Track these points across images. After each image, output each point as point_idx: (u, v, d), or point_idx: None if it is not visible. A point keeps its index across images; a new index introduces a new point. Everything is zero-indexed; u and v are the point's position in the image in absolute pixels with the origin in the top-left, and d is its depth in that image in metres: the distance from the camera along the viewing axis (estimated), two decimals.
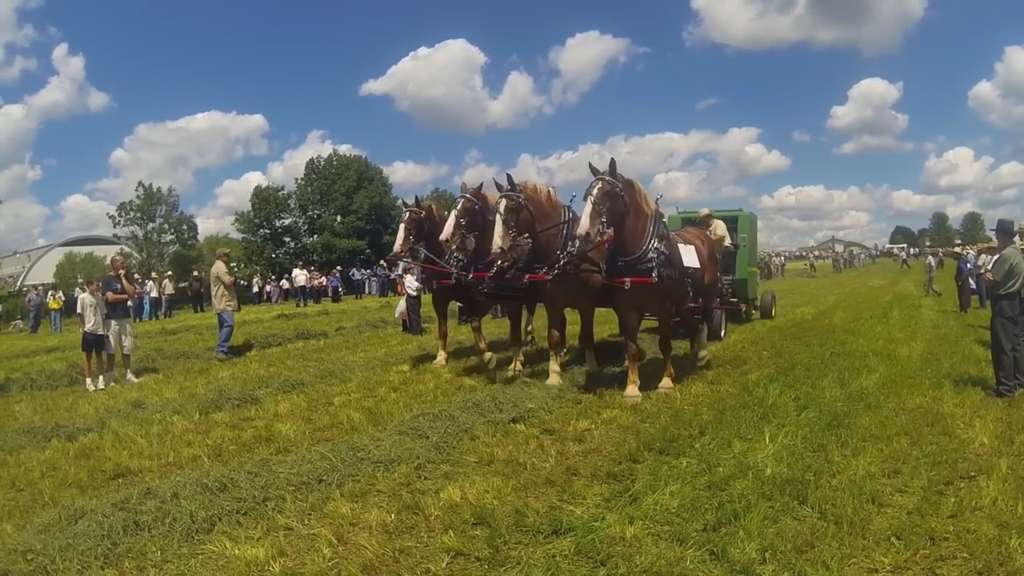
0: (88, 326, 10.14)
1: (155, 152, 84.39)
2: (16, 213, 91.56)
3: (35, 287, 34.61)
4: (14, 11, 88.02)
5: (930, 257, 29.14)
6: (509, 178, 7.91)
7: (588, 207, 6.72)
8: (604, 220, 6.75)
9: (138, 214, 44.50)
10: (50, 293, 29.52)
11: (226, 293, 12.66)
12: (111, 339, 10.31)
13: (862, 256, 73.79)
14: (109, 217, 46.00)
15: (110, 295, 10.43)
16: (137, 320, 21.35)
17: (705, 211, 13.15)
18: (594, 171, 7.12)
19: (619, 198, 6.90)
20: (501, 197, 7.66)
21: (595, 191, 6.79)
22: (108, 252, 29.15)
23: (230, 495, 4.67)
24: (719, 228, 12.10)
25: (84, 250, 47.80)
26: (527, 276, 8.11)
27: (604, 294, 8.00)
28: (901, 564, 3.55)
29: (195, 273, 33.42)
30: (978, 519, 4.03)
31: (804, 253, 76.95)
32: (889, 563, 3.55)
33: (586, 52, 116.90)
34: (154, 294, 28.88)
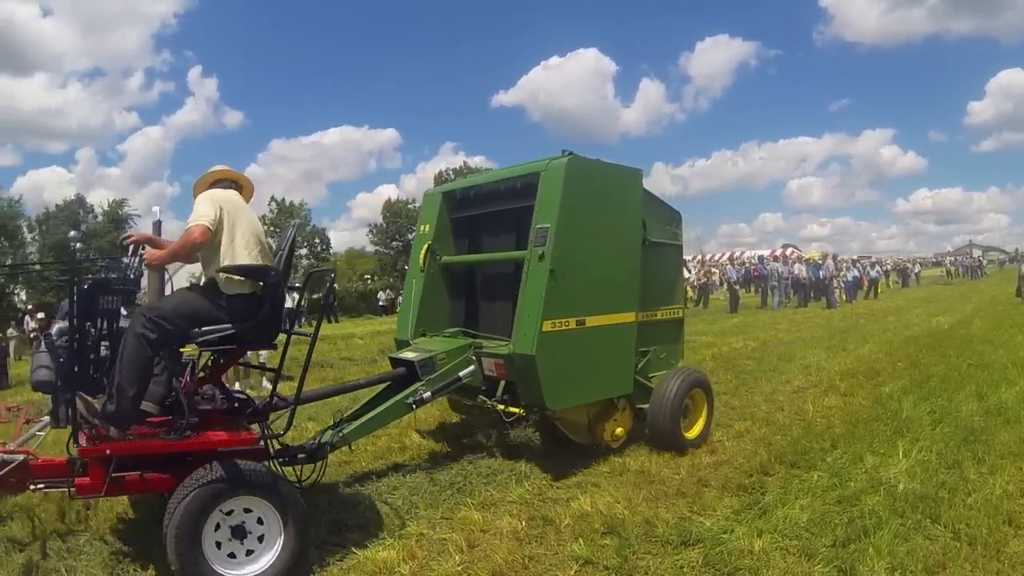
0: None
1: (289, 167, 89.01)
2: None
3: None
4: (152, 38, 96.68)
5: None
6: None
7: None
8: None
9: (273, 228, 47.65)
10: None
11: None
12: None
13: (998, 260, 68.12)
14: None
15: None
16: None
17: (216, 169, 4.46)
18: None
19: None
20: None
21: None
22: None
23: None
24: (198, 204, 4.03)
25: None
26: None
27: None
28: None
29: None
30: None
31: (940, 259, 71.13)
32: None
33: (716, 57, 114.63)
34: (289, 304, 30.74)
